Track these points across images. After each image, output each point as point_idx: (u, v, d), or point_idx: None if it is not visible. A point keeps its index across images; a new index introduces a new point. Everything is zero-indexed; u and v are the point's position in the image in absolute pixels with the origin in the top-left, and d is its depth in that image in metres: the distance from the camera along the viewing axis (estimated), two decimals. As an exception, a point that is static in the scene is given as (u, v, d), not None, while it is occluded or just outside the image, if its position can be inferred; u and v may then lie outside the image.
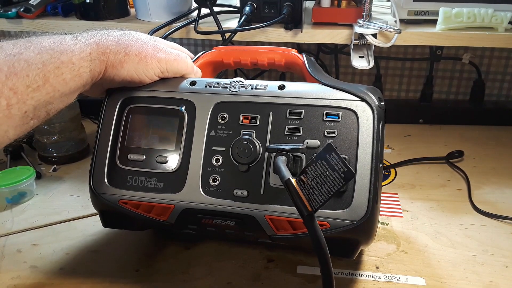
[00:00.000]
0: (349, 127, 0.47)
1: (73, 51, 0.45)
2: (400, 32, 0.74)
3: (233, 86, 0.51)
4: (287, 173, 0.41)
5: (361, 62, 0.76)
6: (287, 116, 0.49)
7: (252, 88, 0.51)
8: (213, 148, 0.50)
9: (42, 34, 0.46)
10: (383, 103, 0.48)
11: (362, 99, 0.48)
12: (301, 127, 0.48)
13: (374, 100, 0.48)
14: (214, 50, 0.63)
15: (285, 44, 1.01)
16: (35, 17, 0.88)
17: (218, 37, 0.80)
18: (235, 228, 0.49)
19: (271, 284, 0.52)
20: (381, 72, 0.99)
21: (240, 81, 0.52)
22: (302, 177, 0.39)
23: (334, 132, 0.47)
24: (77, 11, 0.88)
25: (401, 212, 0.67)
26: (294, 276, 0.53)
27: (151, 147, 0.52)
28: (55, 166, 0.81)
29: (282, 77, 1.02)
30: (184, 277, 0.54)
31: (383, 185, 0.75)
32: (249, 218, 0.48)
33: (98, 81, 0.49)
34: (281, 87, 0.50)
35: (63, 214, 0.67)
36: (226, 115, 0.50)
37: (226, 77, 1.05)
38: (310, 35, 0.78)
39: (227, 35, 0.79)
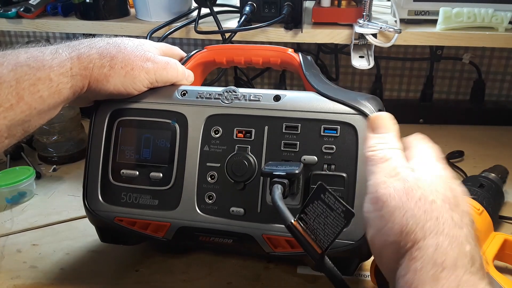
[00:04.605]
0: (348, 143, 0.45)
1: (52, 66, 0.42)
2: (400, 32, 0.74)
3: (225, 97, 0.49)
4: (288, 215, 0.37)
5: (361, 62, 0.76)
6: (283, 131, 0.47)
7: (245, 100, 0.48)
8: (208, 164, 0.48)
9: (20, 47, 0.44)
10: None
11: (361, 113, 0.45)
12: (298, 143, 0.46)
13: (375, 112, 0.46)
14: (205, 50, 0.60)
15: (285, 44, 1.01)
16: (35, 17, 0.88)
17: (218, 37, 0.80)
18: (233, 245, 0.48)
19: (271, 284, 0.52)
20: (381, 72, 0.99)
21: (233, 91, 0.49)
22: (302, 216, 0.37)
23: (332, 148, 0.45)
24: (77, 11, 0.88)
25: (401, 212, 0.67)
26: (294, 276, 0.53)
27: (143, 162, 0.50)
28: (55, 166, 0.81)
29: (282, 77, 1.02)
30: (184, 277, 0.54)
31: (383, 185, 0.74)
32: (246, 237, 0.47)
33: (83, 94, 0.47)
34: (276, 98, 0.48)
35: (63, 214, 0.67)
36: (219, 129, 0.48)
37: (226, 77, 1.05)
38: (310, 35, 0.78)
39: (227, 35, 0.79)
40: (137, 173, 0.50)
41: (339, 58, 1.00)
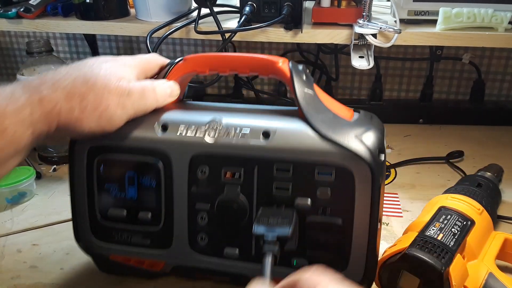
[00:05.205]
0: (344, 187, 0.41)
1: (5, 113, 0.37)
2: (400, 32, 0.74)
3: (208, 134, 0.44)
4: None
5: (361, 62, 0.76)
6: (274, 172, 0.43)
7: (232, 136, 0.43)
8: (197, 206, 0.45)
9: None
10: (384, 154, 0.42)
11: (359, 156, 0.40)
12: (290, 185, 0.43)
13: (373, 153, 0.41)
14: (184, 61, 0.49)
15: (285, 44, 1.01)
16: (35, 17, 0.88)
17: (218, 37, 0.80)
18: (230, 282, 0.47)
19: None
20: (381, 72, 0.99)
21: (217, 124, 0.44)
22: None
23: (327, 192, 0.42)
24: (77, 11, 0.88)
25: (401, 212, 0.67)
26: (294, 276, 0.53)
27: (130, 202, 0.47)
28: (55, 166, 0.81)
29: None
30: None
31: (383, 185, 0.75)
32: (243, 276, 0.45)
33: (52, 135, 0.41)
34: (266, 135, 0.43)
35: (63, 214, 0.67)
36: (206, 169, 0.44)
37: (226, 76, 1.05)
38: (310, 35, 0.78)
39: (227, 35, 0.79)
40: (125, 212, 0.47)
41: (339, 58, 1.00)
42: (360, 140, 0.41)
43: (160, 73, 0.49)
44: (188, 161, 0.44)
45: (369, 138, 0.42)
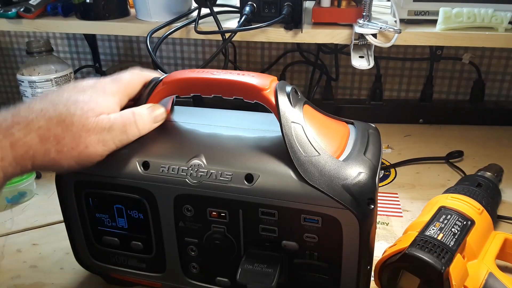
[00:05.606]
0: (331, 233, 0.41)
1: None
2: (400, 32, 0.74)
3: (191, 175, 0.42)
4: None
5: (361, 62, 0.76)
6: (259, 217, 0.42)
7: (214, 178, 0.42)
8: (186, 239, 0.45)
9: None
10: (372, 206, 0.39)
11: (346, 208, 0.39)
12: (277, 228, 0.42)
13: (361, 205, 0.39)
14: (163, 84, 0.46)
15: (285, 44, 1.01)
16: (35, 17, 0.88)
17: (218, 37, 0.80)
18: None
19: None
20: (381, 72, 0.99)
21: (199, 166, 0.42)
22: None
23: (314, 237, 0.41)
24: (77, 11, 0.88)
25: (401, 212, 0.67)
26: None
27: (121, 231, 0.47)
28: (55, 166, 0.81)
29: (282, 77, 1.02)
30: (184, 277, 0.54)
31: (383, 185, 0.75)
32: None
33: (28, 172, 0.40)
34: (249, 179, 0.41)
35: (63, 214, 0.67)
36: (191, 208, 0.44)
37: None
38: (310, 35, 0.78)
39: (227, 35, 0.79)
40: (118, 241, 0.48)
41: (339, 58, 1.00)
42: (348, 189, 0.39)
43: (142, 96, 0.47)
44: (172, 200, 0.44)
45: (358, 186, 0.39)
